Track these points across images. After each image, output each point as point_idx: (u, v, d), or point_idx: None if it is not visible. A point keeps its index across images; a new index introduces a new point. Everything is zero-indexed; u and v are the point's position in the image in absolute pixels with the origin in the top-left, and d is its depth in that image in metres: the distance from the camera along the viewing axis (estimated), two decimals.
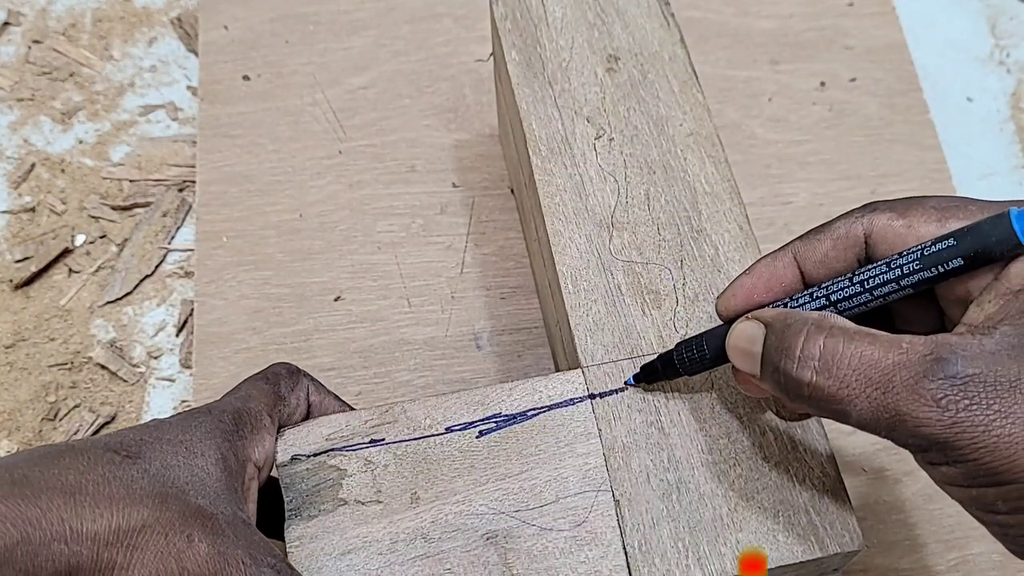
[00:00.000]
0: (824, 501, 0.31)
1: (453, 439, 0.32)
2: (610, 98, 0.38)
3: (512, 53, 0.40)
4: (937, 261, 0.25)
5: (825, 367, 0.25)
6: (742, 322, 0.28)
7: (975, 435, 0.23)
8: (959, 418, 0.23)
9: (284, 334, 0.48)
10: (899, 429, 0.24)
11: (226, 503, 0.28)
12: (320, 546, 0.30)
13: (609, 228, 0.36)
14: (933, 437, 0.24)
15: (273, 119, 0.54)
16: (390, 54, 0.56)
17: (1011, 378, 0.23)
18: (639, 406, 0.32)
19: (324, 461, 0.32)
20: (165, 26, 0.59)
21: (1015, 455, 0.23)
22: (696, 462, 0.31)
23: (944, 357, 0.24)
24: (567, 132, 0.38)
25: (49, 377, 0.48)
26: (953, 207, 0.27)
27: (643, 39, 0.40)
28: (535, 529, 0.30)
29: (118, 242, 0.52)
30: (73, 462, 0.26)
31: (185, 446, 0.28)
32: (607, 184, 0.37)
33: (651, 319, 0.34)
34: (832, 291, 0.28)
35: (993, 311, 0.25)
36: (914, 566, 0.43)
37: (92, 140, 0.55)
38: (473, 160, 0.53)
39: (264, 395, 0.32)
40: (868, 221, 0.28)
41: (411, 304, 0.49)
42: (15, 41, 0.58)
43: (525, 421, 0.32)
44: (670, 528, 0.30)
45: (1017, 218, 0.24)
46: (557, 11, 0.40)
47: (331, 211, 0.51)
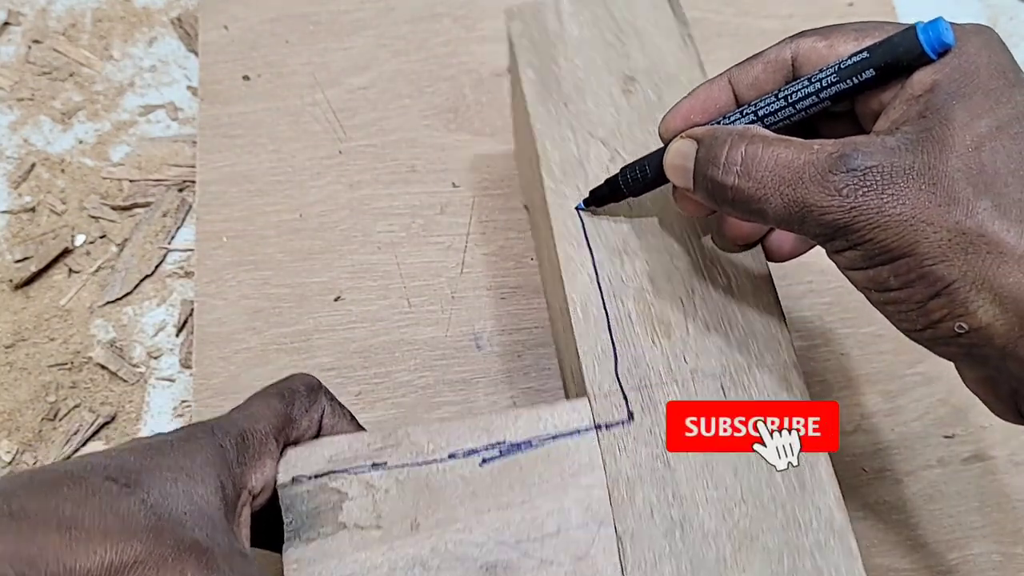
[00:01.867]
0: (830, 545, 0.30)
1: (456, 465, 0.31)
2: (626, 120, 0.38)
3: (528, 72, 0.39)
4: (852, 73, 0.28)
5: (746, 171, 0.28)
6: (676, 141, 0.31)
7: (870, 217, 0.26)
8: (857, 203, 0.26)
9: (284, 334, 0.48)
10: (808, 220, 0.27)
11: (223, 534, 0.27)
12: (318, 570, 0.29)
13: (621, 254, 0.35)
14: (835, 223, 0.26)
15: (273, 119, 0.54)
16: (390, 54, 0.56)
17: (905, 167, 0.26)
18: (645, 439, 0.32)
19: (325, 483, 0.31)
20: (165, 26, 0.59)
21: (904, 232, 0.26)
22: (701, 499, 0.30)
23: (847, 153, 0.26)
24: (581, 154, 0.37)
25: (49, 377, 0.48)
26: (871, 28, 0.29)
27: (661, 60, 0.39)
28: (535, 561, 0.30)
29: (118, 242, 0.52)
30: (71, 492, 0.25)
31: (185, 472, 0.27)
32: (620, 209, 0.36)
33: (660, 349, 0.33)
34: (760, 107, 0.30)
35: (897, 116, 0.27)
36: (914, 566, 0.43)
37: (92, 140, 0.55)
38: (473, 160, 0.53)
39: (274, 416, 0.31)
40: (795, 45, 0.30)
41: (411, 304, 0.49)
42: (15, 41, 0.58)
43: (529, 450, 0.32)
44: (672, 567, 0.29)
45: (922, 31, 0.27)
46: (574, 30, 0.40)
47: (331, 211, 0.51)
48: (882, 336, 0.49)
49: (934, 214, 0.26)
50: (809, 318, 0.49)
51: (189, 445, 0.28)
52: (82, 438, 0.46)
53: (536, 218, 0.45)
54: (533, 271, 0.50)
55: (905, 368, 0.48)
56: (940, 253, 0.26)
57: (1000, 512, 0.45)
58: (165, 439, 0.29)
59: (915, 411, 0.47)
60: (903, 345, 0.48)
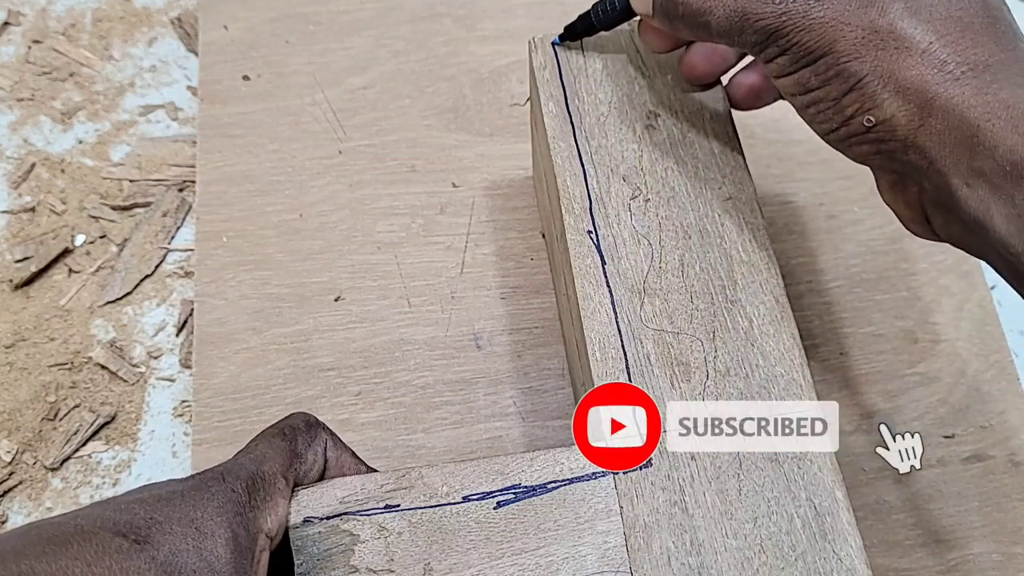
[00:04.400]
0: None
1: (470, 509, 0.31)
2: (648, 157, 0.37)
3: (549, 105, 0.38)
4: None
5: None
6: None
7: (797, 21, 0.30)
8: (786, 8, 0.30)
9: (284, 334, 0.48)
10: (746, 29, 0.31)
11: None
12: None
13: (641, 294, 0.34)
14: (768, 28, 0.30)
15: (273, 119, 0.54)
16: (390, 54, 0.56)
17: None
18: (663, 484, 0.31)
19: (337, 525, 0.31)
20: (165, 26, 0.59)
21: (824, 32, 0.29)
22: (720, 547, 0.30)
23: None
24: (602, 190, 0.36)
25: (49, 377, 0.48)
26: None
27: (685, 96, 0.38)
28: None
29: (118, 242, 0.52)
30: (81, 551, 0.25)
31: (196, 526, 0.27)
32: (640, 247, 0.35)
33: (679, 392, 0.33)
34: None
35: None
36: (914, 566, 0.43)
37: (92, 140, 0.55)
38: (473, 160, 0.53)
39: (280, 454, 0.31)
40: None
41: (411, 304, 0.49)
42: (15, 41, 0.58)
43: (545, 494, 0.31)
44: None
45: None
46: (598, 63, 0.39)
47: (331, 211, 0.51)
48: (882, 336, 0.49)
49: (852, 15, 0.29)
50: (809, 318, 0.49)
51: (199, 495, 0.28)
52: (82, 438, 0.46)
53: (553, 248, 0.44)
54: (533, 271, 0.50)
55: (905, 368, 0.48)
56: (854, 50, 0.29)
57: (1000, 512, 0.45)
58: (175, 489, 0.28)
59: (915, 411, 0.47)
60: (903, 345, 0.49)
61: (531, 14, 0.58)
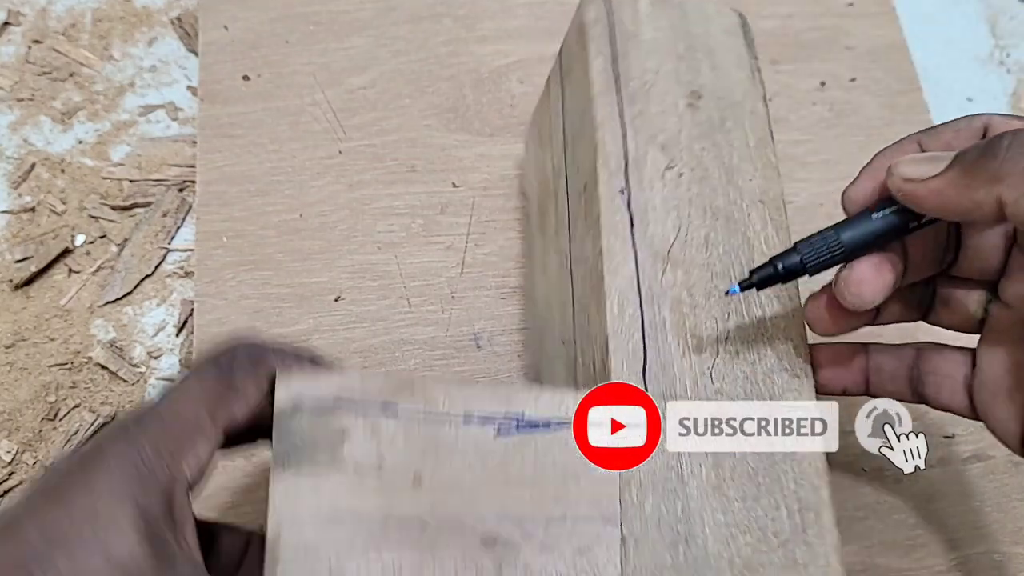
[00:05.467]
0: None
1: (470, 431, 0.30)
2: (687, 133, 0.37)
3: (598, 60, 0.38)
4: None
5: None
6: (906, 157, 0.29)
7: None
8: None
9: (284, 334, 0.48)
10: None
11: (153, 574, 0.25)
12: (306, 506, 0.28)
13: (664, 261, 0.34)
14: None
15: (273, 119, 0.54)
16: (390, 54, 0.56)
17: None
18: (662, 447, 0.31)
19: (329, 418, 0.29)
20: (165, 26, 0.59)
21: None
22: (708, 520, 0.30)
23: None
24: (639, 154, 0.36)
25: (49, 377, 0.48)
26: None
27: (728, 86, 0.38)
28: (536, 544, 0.29)
29: (118, 242, 0.52)
30: None
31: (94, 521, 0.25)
32: (669, 218, 0.35)
33: (688, 363, 0.33)
34: None
35: None
36: (914, 566, 0.43)
37: (92, 140, 0.55)
38: (473, 160, 0.53)
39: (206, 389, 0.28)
40: (987, 118, 0.30)
41: (411, 304, 0.49)
42: (15, 41, 0.58)
43: (547, 432, 0.31)
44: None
45: None
46: (648, 32, 0.39)
47: (331, 211, 0.51)
48: (882, 336, 0.49)
49: None
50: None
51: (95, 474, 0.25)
52: (82, 438, 0.46)
53: (556, 205, 0.43)
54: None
55: None
56: None
57: (1000, 512, 0.45)
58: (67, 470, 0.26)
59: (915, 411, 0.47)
60: None
61: (531, 14, 0.58)
